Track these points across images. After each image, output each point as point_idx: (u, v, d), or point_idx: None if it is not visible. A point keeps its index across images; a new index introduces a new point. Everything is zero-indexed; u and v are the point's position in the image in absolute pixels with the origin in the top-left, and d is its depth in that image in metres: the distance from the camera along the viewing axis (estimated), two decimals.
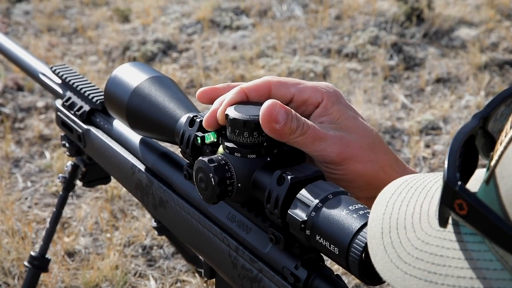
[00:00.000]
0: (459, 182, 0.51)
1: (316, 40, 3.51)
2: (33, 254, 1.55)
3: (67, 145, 1.33)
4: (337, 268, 1.76)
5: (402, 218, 0.59)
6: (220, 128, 0.83)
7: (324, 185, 0.75)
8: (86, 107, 1.22)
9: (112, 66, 3.27)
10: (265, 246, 0.83)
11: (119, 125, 1.13)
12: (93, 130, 1.17)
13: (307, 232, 0.73)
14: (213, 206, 0.90)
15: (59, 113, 1.28)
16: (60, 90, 1.31)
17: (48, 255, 1.56)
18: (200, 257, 1.49)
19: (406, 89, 3.06)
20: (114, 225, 2.17)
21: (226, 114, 0.80)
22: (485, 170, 0.56)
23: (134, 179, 1.05)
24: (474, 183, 0.57)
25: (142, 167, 1.04)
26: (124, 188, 1.22)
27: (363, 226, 0.69)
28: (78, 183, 1.50)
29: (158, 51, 3.38)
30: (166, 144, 1.20)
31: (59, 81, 1.32)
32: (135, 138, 1.08)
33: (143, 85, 0.97)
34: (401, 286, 0.54)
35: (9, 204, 2.20)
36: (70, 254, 2.05)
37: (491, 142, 0.58)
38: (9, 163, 2.49)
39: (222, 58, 3.28)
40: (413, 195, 0.61)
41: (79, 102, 1.24)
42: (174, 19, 3.77)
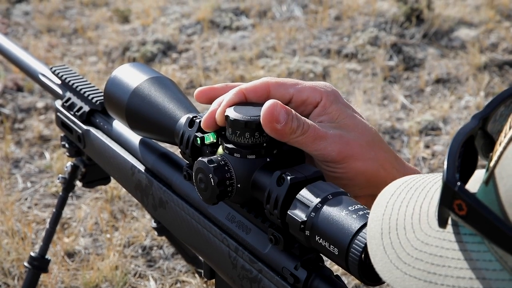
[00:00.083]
0: (459, 183, 0.51)
1: (315, 40, 3.51)
2: (33, 254, 1.55)
3: (67, 145, 1.33)
4: (336, 268, 1.76)
5: (402, 218, 0.59)
6: (219, 128, 0.83)
7: (323, 185, 0.75)
8: (86, 108, 1.22)
9: (111, 67, 3.27)
10: (264, 247, 0.83)
11: (119, 125, 1.13)
12: (92, 130, 1.17)
13: (307, 232, 0.73)
14: (212, 207, 0.90)
15: (59, 113, 1.28)
16: (59, 91, 1.31)
17: (48, 256, 1.56)
18: (200, 257, 1.49)
19: (405, 89, 3.06)
20: (114, 225, 2.17)
21: (227, 115, 0.80)
22: (484, 170, 0.56)
23: (134, 180, 1.05)
24: (474, 184, 0.57)
25: (141, 168, 1.04)
26: (124, 188, 1.22)
27: (363, 227, 0.69)
28: (78, 184, 1.50)
29: (158, 52, 3.38)
30: (166, 144, 1.21)
31: (59, 81, 1.32)
32: (135, 138, 1.08)
33: (143, 85, 0.97)
34: (400, 286, 0.54)
35: (9, 204, 2.20)
36: (70, 255, 2.05)
37: (491, 143, 0.58)
38: (9, 164, 2.49)
39: (222, 59, 3.28)
40: (412, 196, 0.61)
41: (79, 103, 1.24)
42: (174, 20, 3.78)
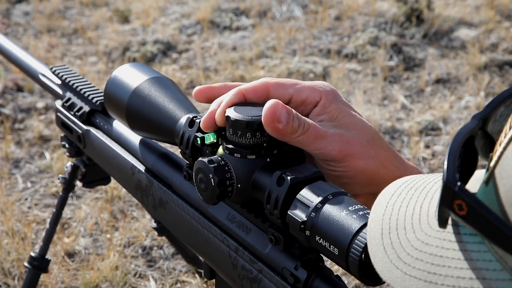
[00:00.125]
0: (459, 183, 0.51)
1: (315, 40, 3.51)
2: (33, 254, 1.55)
3: (67, 145, 1.33)
4: (337, 268, 1.76)
5: (402, 219, 0.59)
6: (219, 128, 0.83)
7: (323, 185, 0.75)
8: (86, 108, 1.22)
9: (112, 67, 3.27)
10: (265, 247, 0.83)
11: (119, 125, 1.13)
12: (93, 131, 1.17)
13: (307, 232, 0.73)
14: (213, 207, 0.90)
15: (59, 114, 1.28)
16: (60, 91, 1.31)
17: (48, 256, 1.56)
18: (200, 257, 1.49)
19: (406, 89, 3.06)
20: (114, 225, 2.17)
21: (228, 116, 0.80)
22: (484, 171, 0.56)
23: (134, 180, 1.05)
24: (474, 184, 0.57)
25: (142, 168, 1.04)
26: (124, 188, 1.22)
27: (363, 227, 0.69)
28: (78, 184, 1.50)
29: (158, 52, 3.38)
30: (166, 144, 1.20)
31: (59, 82, 1.32)
32: (135, 138, 1.08)
33: (143, 85, 0.97)
34: (400, 286, 0.54)
35: (9, 204, 2.20)
36: (70, 255, 2.05)
37: (491, 143, 0.58)
38: (9, 164, 2.49)
39: (222, 59, 3.29)
40: (413, 196, 0.61)
41: (79, 103, 1.24)
42: (174, 20, 3.78)
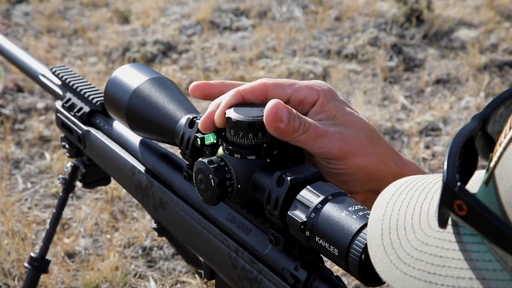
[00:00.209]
0: (459, 183, 0.51)
1: (315, 41, 3.51)
2: (33, 255, 1.55)
3: (67, 146, 1.33)
4: (337, 269, 1.76)
5: (402, 219, 0.59)
6: (219, 129, 0.84)
7: (323, 186, 0.75)
8: (86, 108, 1.22)
9: (112, 67, 3.27)
10: (265, 247, 0.83)
11: (119, 126, 1.13)
12: (93, 131, 1.17)
13: (307, 233, 0.73)
14: (212, 207, 0.90)
15: (59, 114, 1.28)
16: (60, 92, 1.31)
17: (48, 256, 1.56)
18: (200, 258, 1.49)
19: (406, 90, 3.06)
20: (114, 226, 2.17)
21: (228, 117, 0.80)
22: (484, 171, 0.56)
23: (134, 180, 1.05)
24: (474, 184, 0.58)
25: (142, 168, 1.04)
26: (124, 189, 1.22)
27: (363, 227, 0.69)
28: (78, 184, 1.50)
29: (158, 52, 3.38)
30: (166, 145, 1.20)
31: (59, 82, 1.32)
32: (135, 139, 1.08)
33: (143, 86, 0.97)
34: (401, 286, 0.54)
35: (9, 205, 2.20)
36: (70, 255, 2.05)
37: (491, 143, 0.59)
38: (9, 164, 2.49)
39: (222, 59, 3.29)
40: (413, 196, 0.61)
41: (79, 103, 1.24)
42: (174, 20, 3.78)
